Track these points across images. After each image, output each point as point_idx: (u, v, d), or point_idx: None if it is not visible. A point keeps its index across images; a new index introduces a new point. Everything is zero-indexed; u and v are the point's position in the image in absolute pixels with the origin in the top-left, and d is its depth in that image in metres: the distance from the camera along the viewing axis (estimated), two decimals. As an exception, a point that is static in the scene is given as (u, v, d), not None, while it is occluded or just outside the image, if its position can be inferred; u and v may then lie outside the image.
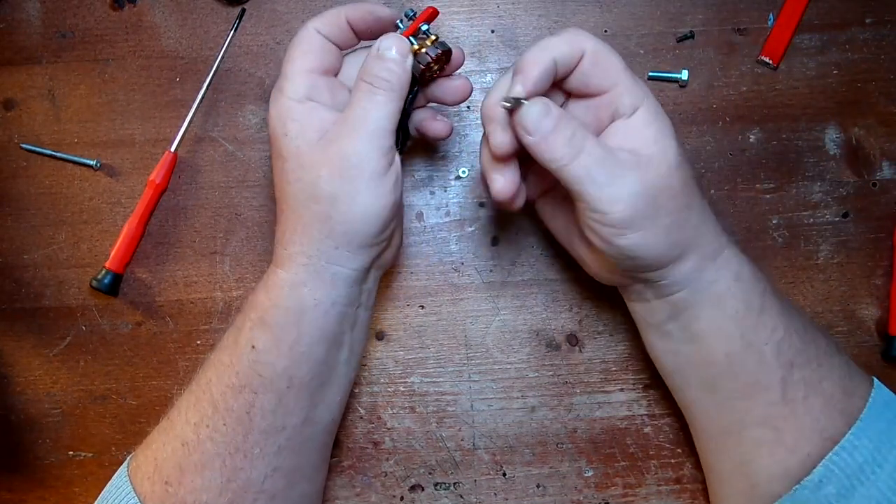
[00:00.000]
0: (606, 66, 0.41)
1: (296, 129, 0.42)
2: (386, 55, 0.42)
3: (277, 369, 0.42)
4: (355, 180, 0.41)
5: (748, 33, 0.56)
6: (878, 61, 0.55)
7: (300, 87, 0.42)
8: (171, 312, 0.54)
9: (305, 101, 0.42)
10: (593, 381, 0.54)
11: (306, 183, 0.42)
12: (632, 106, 0.41)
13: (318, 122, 0.42)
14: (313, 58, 0.43)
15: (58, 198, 0.55)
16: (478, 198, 0.55)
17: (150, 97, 0.55)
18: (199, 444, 0.42)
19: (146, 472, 0.43)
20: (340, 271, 0.43)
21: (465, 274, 0.55)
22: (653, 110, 0.41)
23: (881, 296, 0.54)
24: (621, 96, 0.41)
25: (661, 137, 0.41)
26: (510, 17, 0.56)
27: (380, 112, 0.41)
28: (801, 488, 0.41)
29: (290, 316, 0.42)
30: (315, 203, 0.42)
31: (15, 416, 0.54)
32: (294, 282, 0.43)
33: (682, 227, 0.41)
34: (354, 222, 0.42)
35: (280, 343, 0.42)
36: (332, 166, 0.41)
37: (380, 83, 0.42)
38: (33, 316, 0.54)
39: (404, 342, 0.54)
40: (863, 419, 0.41)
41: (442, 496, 0.53)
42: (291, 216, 0.43)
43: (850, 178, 0.55)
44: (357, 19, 0.44)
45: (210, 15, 0.56)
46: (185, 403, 0.44)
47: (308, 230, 0.42)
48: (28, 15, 0.56)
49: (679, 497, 0.53)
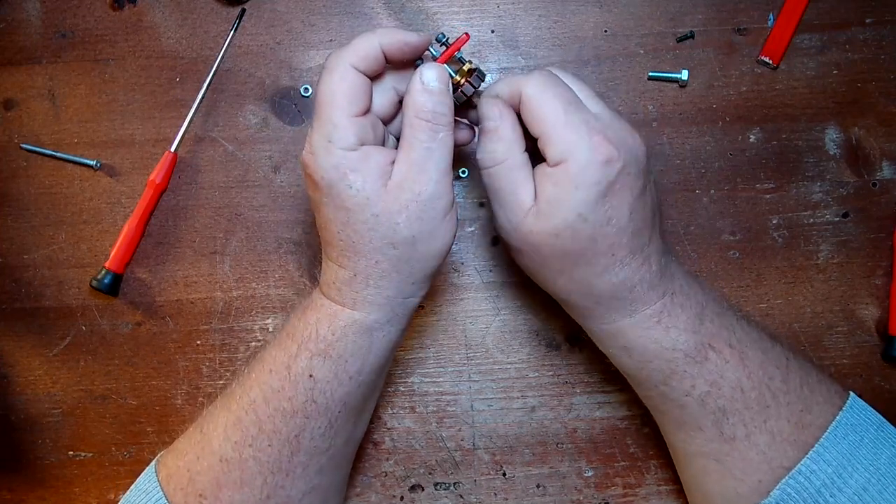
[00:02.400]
0: (537, 115, 0.41)
1: (360, 180, 0.40)
2: (434, 88, 0.41)
3: (335, 398, 0.42)
4: (434, 220, 0.41)
5: (748, 33, 0.56)
6: (878, 61, 0.55)
7: (351, 135, 0.40)
8: (171, 312, 0.54)
9: (358, 148, 0.40)
10: (593, 381, 0.54)
11: (383, 231, 0.41)
12: (554, 160, 0.40)
13: (376, 167, 0.40)
14: (357, 101, 0.41)
15: (58, 198, 0.55)
16: (478, 198, 0.55)
17: (150, 97, 0.55)
18: (240, 463, 0.42)
19: (178, 483, 0.43)
20: (412, 303, 0.44)
21: (465, 274, 0.55)
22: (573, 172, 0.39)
23: (881, 296, 0.54)
24: (545, 146, 0.41)
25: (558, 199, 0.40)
26: (510, 17, 0.56)
27: (444, 150, 0.41)
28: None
29: (357, 351, 0.42)
30: (393, 248, 0.41)
31: (15, 416, 0.54)
32: (367, 321, 0.42)
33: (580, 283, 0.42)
34: (433, 259, 0.42)
35: (341, 374, 0.42)
36: (409, 212, 0.40)
37: (438, 119, 0.41)
38: (33, 316, 0.54)
39: (404, 342, 0.54)
40: (821, 445, 0.41)
41: (442, 496, 0.53)
42: (362, 261, 0.41)
43: (850, 178, 0.55)
44: (393, 49, 0.41)
45: (210, 15, 0.56)
46: (223, 420, 0.43)
47: (388, 274, 0.42)
48: (28, 15, 0.56)
49: (679, 497, 0.53)
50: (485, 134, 0.43)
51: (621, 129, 0.41)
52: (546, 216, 0.40)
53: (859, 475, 0.41)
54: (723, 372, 0.42)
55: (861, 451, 0.41)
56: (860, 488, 0.40)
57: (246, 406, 0.43)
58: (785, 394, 0.43)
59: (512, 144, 0.42)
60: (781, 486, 0.41)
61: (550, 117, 0.40)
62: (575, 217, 0.40)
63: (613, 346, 0.44)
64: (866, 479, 0.41)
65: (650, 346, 0.42)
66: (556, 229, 0.40)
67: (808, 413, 0.43)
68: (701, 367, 0.42)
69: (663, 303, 0.42)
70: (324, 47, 0.56)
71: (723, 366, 0.42)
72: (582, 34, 0.56)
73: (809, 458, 0.41)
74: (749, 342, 0.43)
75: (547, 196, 0.40)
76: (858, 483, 0.40)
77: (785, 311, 0.54)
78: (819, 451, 0.41)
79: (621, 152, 0.40)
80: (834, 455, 0.41)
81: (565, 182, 0.40)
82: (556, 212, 0.40)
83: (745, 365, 0.43)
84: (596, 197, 0.39)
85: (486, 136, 0.43)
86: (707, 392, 0.42)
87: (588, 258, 0.41)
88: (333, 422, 0.43)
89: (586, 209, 0.40)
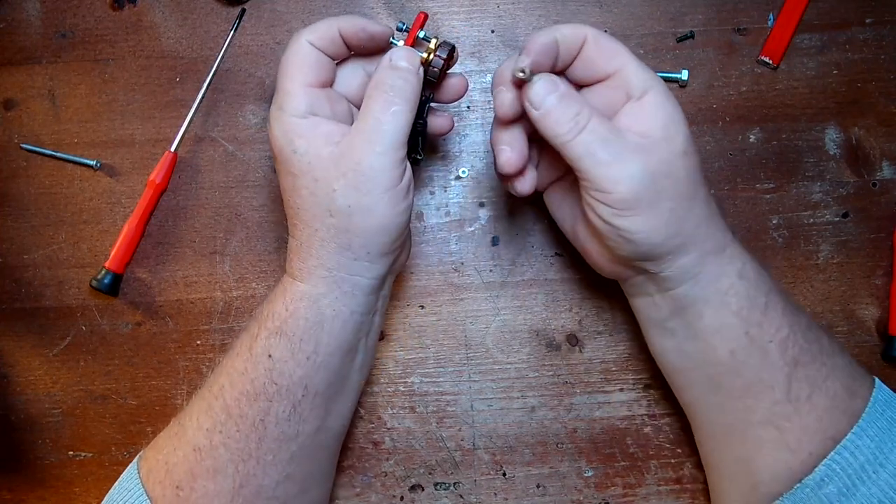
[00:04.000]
0: (610, 50, 0.42)
1: (304, 145, 0.41)
2: (400, 65, 0.42)
3: (294, 378, 0.42)
4: (371, 193, 0.41)
5: (748, 33, 0.56)
6: (878, 61, 0.55)
7: (301, 102, 0.42)
8: (171, 312, 0.54)
9: (308, 117, 0.42)
10: (593, 381, 0.54)
11: (321, 197, 0.41)
12: (641, 88, 0.41)
13: (324, 136, 0.41)
14: (310, 72, 0.42)
15: (58, 198, 0.55)
16: (478, 198, 0.55)
17: (150, 97, 0.55)
18: (211, 450, 0.42)
19: (157, 477, 0.43)
20: (360, 281, 0.43)
21: (465, 274, 0.55)
22: (663, 95, 0.41)
23: (881, 296, 0.54)
24: (630, 78, 0.41)
25: (669, 123, 0.41)
26: (510, 17, 0.56)
27: (395, 123, 0.41)
28: (802, 487, 0.41)
29: (308, 327, 0.42)
30: (331, 217, 0.41)
31: (15, 416, 0.54)
32: (314, 294, 0.43)
33: (684, 217, 0.41)
34: (372, 234, 0.42)
35: (297, 353, 0.42)
36: (346, 180, 0.41)
37: (396, 92, 0.41)
38: (33, 316, 0.54)
39: (404, 342, 0.54)
40: (864, 419, 0.41)
41: (442, 496, 0.53)
42: (306, 230, 0.43)
43: (850, 178, 0.55)
44: (350, 34, 0.43)
45: (210, 15, 0.56)
46: (196, 409, 0.44)
47: (326, 244, 0.42)
48: (28, 15, 0.56)
49: (679, 497, 0.53)
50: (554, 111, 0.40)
51: None
52: (670, 139, 0.40)
53: None
54: (797, 315, 0.43)
55: None
56: None
57: (216, 392, 0.43)
58: (833, 356, 0.43)
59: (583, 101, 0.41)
60: (827, 461, 0.40)
61: (624, 50, 0.42)
62: (687, 128, 0.41)
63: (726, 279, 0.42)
64: None
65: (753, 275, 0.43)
66: (684, 145, 0.41)
67: (854, 380, 0.43)
68: (786, 304, 0.43)
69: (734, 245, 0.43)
70: (324, 47, 0.56)
71: (796, 309, 0.43)
72: (582, 34, 0.56)
73: (854, 432, 0.41)
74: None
75: (661, 121, 0.41)
76: None
77: (785, 311, 0.54)
78: (863, 424, 0.41)
79: None
80: (875, 430, 0.41)
81: (667, 100, 0.41)
82: (677, 130, 0.41)
83: (804, 314, 0.44)
84: None
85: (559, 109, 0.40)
86: (787, 336, 0.42)
87: (699, 179, 0.42)
88: (297, 405, 0.42)
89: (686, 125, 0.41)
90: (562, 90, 0.41)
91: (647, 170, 0.40)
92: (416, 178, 0.55)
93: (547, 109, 0.41)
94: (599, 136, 0.40)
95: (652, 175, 0.40)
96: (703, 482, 0.52)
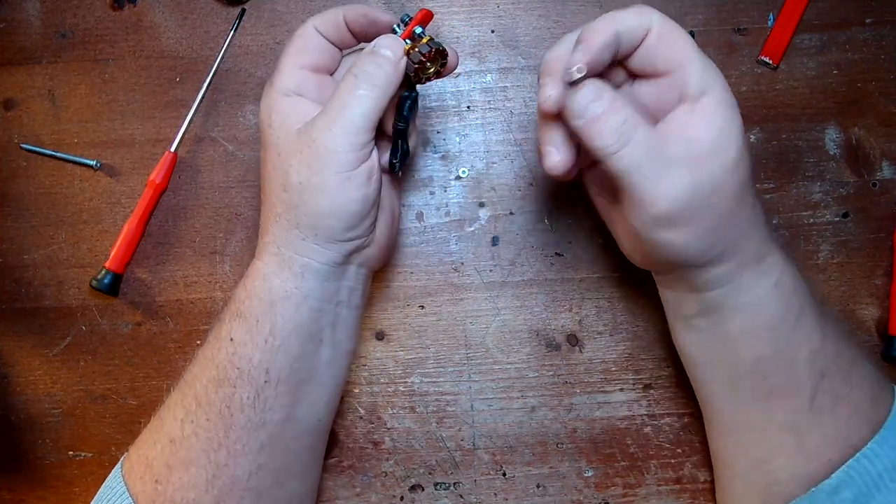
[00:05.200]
0: (673, 45, 0.39)
1: (279, 120, 0.42)
2: (378, 52, 0.42)
3: (253, 362, 0.42)
4: (322, 172, 0.41)
5: (748, 33, 0.56)
6: (878, 61, 0.55)
7: (289, 81, 0.43)
8: (171, 312, 0.54)
9: (292, 95, 0.43)
10: (593, 381, 0.54)
11: (279, 171, 0.42)
12: (699, 90, 0.38)
13: (300, 115, 0.42)
14: (307, 55, 0.44)
15: (58, 198, 0.55)
16: (478, 198, 0.55)
17: (150, 97, 0.55)
18: (184, 440, 0.42)
19: (139, 472, 0.43)
20: (309, 264, 0.43)
21: (465, 274, 0.55)
22: (721, 98, 0.38)
23: (881, 296, 0.54)
24: (688, 78, 0.38)
25: (725, 129, 0.38)
26: (510, 17, 0.56)
27: (358, 107, 0.40)
28: (817, 491, 0.41)
29: (262, 307, 0.43)
30: (284, 192, 0.42)
31: (15, 416, 0.54)
32: (266, 272, 0.43)
33: (728, 229, 0.39)
34: (319, 215, 0.42)
35: (255, 335, 0.42)
36: (301, 156, 0.41)
37: (364, 77, 0.41)
38: (33, 316, 0.54)
39: (404, 342, 0.54)
40: (887, 427, 0.41)
41: (442, 496, 0.53)
42: (266, 204, 0.44)
43: (850, 178, 0.55)
44: (353, 20, 0.44)
45: (210, 15, 0.56)
46: (173, 400, 0.44)
47: (278, 219, 0.43)
48: (28, 15, 0.56)
49: (679, 497, 0.53)
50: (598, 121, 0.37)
51: None
52: (723, 149, 0.38)
53: None
54: (825, 326, 0.42)
55: None
56: None
57: (189, 381, 0.43)
58: (861, 365, 0.42)
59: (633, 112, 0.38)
60: (845, 468, 0.40)
61: (689, 45, 0.39)
62: (744, 137, 0.39)
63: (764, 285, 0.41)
64: None
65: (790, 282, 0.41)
66: (738, 155, 0.38)
67: (877, 389, 0.42)
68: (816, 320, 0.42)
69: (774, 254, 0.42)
70: (324, 47, 0.56)
71: (829, 318, 0.42)
72: (582, 34, 0.56)
73: (875, 441, 0.40)
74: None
75: (716, 128, 0.38)
76: None
77: (785, 311, 0.54)
78: (885, 433, 0.41)
79: None
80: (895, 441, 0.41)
81: (723, 109, 0.38)
82: (731, 139, 0.38)
83: (835, 322, 0.43)
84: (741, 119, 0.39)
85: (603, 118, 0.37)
86: (817, 350, 0.41)
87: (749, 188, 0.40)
88: (260, 391, 0.42)
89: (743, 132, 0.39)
90: (606, 98, 0.37)
91: (694, 185, 0.37)
92: (417, 179, 0.55)
93: (590, 119, 0.37)
94: (645, 149, 0.37)
95: (698, 191, 0.37)
96: (703, 482, 0.52)
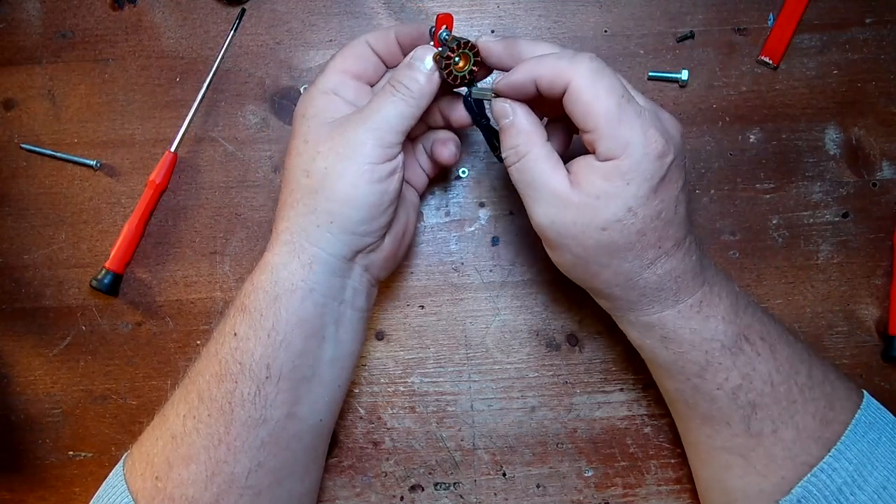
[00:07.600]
0: (590, 110, 0.39)
1: (313, 112, 0.44)
2: (415, 65, 0.43)
3: (255, 357, 0.42)
4: (348, 160, 0.42)
5: (748, 33, 0.56)
6: (878, 61, 0.55)
7: (330, 81, 0.45)
8: (171, 312, 0.54)
9: (329, 93, 0.45)
10: (593, 381, 0.54)
11: (304, 157, 0.43)
12: (605, 155, 0.39)
13: (333, 111, 0.44)
14: (352, 61, 0.45)
15: (58, 198, 0.55)
16: (478, 198, 0.55)
17: (150, 97, 0.55)
18: (185, 436, 0.42)
19: (139, 469, 0.43)
20: (319, 253, 0.43)
21: (465, 274, 0.55)
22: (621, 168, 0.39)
23: (881, 296, 0.54)
24: (597, 143, 0.40)
25: (604, 197, 0.39)
26: (510, 17, 0.56)
27: (391, 110, 0.42)
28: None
29: (267, 300, 0.43)
30: (307, 177, 0.43)
31: (15, 416, 0.54)
32: (276, 263, 0.43)
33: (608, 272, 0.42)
34: (337, 201, 0.42)
35: (258, 329, 0.42)
36: (332, 143, 0.42)
37: (400, 88, 0.43)
38: (33, 316, 0.54)
39: (404, 342, 0.54)
40: (844, 442, 0.41)
41: (442, 496, 0.53)
42: (285, 191, 0.44)
43: (850, 178, 0.55)
44: (405, 35, 0.46)
45: (210, 15, 0.56)
46: (177, 396, 0.44)
47: (296, 204, 0.43)
48: (28, 15, 0.56)
49: (679, 497, 0.53)
50: (503, 132, 0.43)
51: (666, 119, 0.41)
52: (594, 210, 0.40)
53: (879, 473, 0.41)
54: (755, 365, 0.42)
55: (880, 449, 0.41)
56: (880, 486, 0.40)
57: (193, 377, 0.44)
58: (810, 389, 0.43)
59: (531, 136, 0.42)
60: (804, 483, 0.41)
61: (604, 112, 0.39)
62: (625, 212, 0.39)
63: (651, 337, 0.43)
64: (885, 476, 0.41)
65: (688, 337, 0.42)
66: (605, 223, 0.40)
67: (831, 409, 0.43)
68: (735, 359, 0.42)
69: (703, 292, 0.42)
70: (324, 47, 0.56)
71: (755, 358, 0.42)
72: (582, 34, 0.56)
73: (832, 455, 0.41)
74: (777, 335, 0.44)
75: (595, 190, 0.40)
76: (878, 481, 0.40)
77: (785, 311, 0.54)
78: (841, 448, 0.41)
79: (671, 145, 0.40)
80: (854, 453, 0.41)
81: (617, 177, 0.39)
82: (606, 206, 0.39)
83: (775, 358, 0.43)
84: (647, 192, 0.39)
85: (505, 134, 0.43)
86: (739, 385, 0.42)
87: (636, 251, 0.41)
88: (261, 387, 0.42)
89: (637, 203, 0.39)
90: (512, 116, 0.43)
91: (553, 223, 0.41)
92: (416, 178, 0.55)
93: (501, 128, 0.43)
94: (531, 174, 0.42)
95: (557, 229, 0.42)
96: (703, 482, 0.52)
